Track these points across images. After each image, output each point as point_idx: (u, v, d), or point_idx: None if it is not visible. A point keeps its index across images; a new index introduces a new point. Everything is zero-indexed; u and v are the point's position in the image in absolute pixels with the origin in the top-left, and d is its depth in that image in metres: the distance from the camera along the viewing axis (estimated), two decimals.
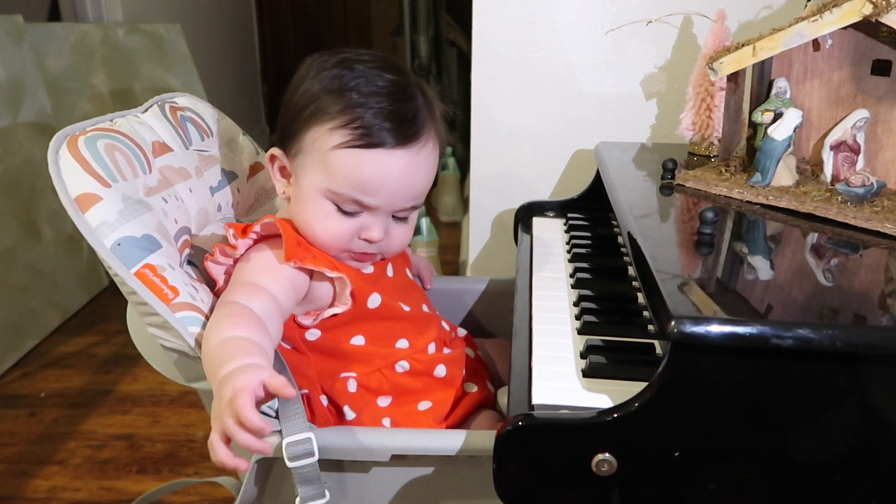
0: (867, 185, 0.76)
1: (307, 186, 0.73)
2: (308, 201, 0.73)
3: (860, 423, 0.53)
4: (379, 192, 0.71)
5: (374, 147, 0.70)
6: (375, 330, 0.78)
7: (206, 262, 0.74)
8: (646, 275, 0.61)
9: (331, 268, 0.73)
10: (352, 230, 0.74)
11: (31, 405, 1.57)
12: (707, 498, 0.56)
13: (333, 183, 0.71)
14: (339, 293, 0.75)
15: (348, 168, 0.70)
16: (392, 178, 0.71)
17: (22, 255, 1.79)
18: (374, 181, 0.71)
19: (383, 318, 0.78)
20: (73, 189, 0.64)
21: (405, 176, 0.72)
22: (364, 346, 0.77)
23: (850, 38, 0.83)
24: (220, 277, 0.74)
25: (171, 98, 0.85)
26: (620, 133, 1.29)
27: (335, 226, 0.73)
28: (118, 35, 2.21)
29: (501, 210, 1.40)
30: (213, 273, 0.74)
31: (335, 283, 0.75)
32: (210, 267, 0.74)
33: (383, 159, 0.70)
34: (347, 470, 0.71)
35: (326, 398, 0.78)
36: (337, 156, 0.70)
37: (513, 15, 1.25)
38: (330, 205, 0.73)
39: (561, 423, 0.55)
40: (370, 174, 0.70)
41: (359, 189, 0.71)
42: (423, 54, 3.15)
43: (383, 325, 0.78)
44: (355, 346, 0.77)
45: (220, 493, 1.26)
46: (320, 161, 0.71)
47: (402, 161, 0.71)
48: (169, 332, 0.66)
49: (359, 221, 0.73)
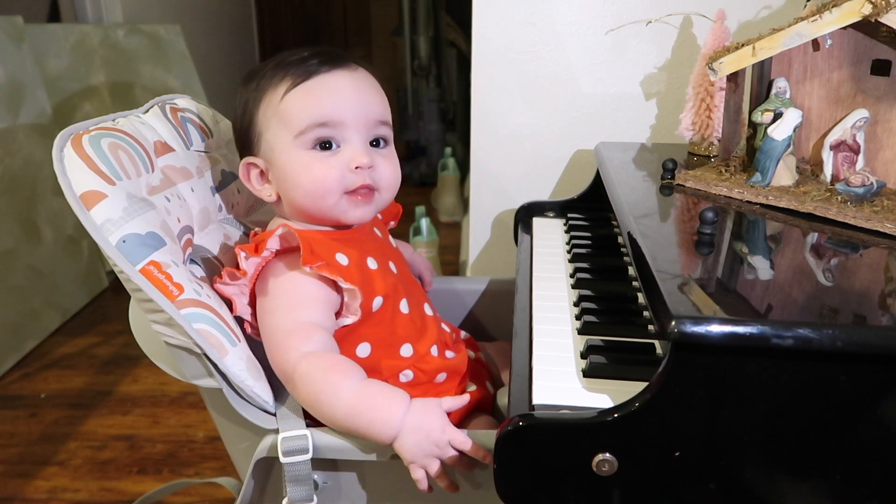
0: (867, 185, 0.76)
1: (280, 153, 0.75)
2: (287, 166, 0.74)
3: (860, 423, 0.53)
4: (339, 106, 0.73)
5: (312, 76, 0.74)
6: (380, 335, 0.77)
7: (216, 285, 0.73)
8: (646, 275, 0.61)
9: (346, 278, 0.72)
10: (338, 167, 0.74)
11: (32, 406, 1.57)
12: (707, 498, 0.56)
13: (295, 126, 0.73)
14: (348, 303, 0.74)
15: (300, 105, 0.73)
16: (341, 93, 0.74)
17: (22, 255, 1.79)
18: (328, 98, 0.74)
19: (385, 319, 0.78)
20: (78, 187, 0.65)
21: (353, 88, 0.75)
22: (370, 357, 0.77)
23: (849, 38, 0.83)
24: (235, 297, 0.73)
25: (171, 99, 0.85)
26: (620, 133, 1.30)
27: (320, 168, 0.73)
28: (118, 36, 2.21)
29: (501, 210, 1.40)
30: (226, 293, 0.73)
31: (345, 293, 0.74)
32: (221, 289, 0.73)
33: (325, 81, 0.74)
34: (347, 469, 0.71)
35: None
36: (286, 103, 0.74)
37: (513, 15, 1.25)
38: (305, 152, 0.74)
39: (561, 423, 0.55)
40: (322, 94, 0.74)
41: (317, 115, 0.73)
42: (423, 54, 3.15)
43: (387, 329, 0.78)
44: (361, 359, 0.76)
45: (221, 493, 1.26)
46: (277, 120, 0.74)
47: (343, 79, 0.75)
48: (174, 328, 0.66)
49: (341, 156, 0.74)
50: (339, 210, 0.75)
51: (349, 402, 0.65)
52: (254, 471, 0.70)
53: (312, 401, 0.66)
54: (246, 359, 0.69)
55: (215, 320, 0.67)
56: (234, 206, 0.89)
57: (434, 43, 3.18)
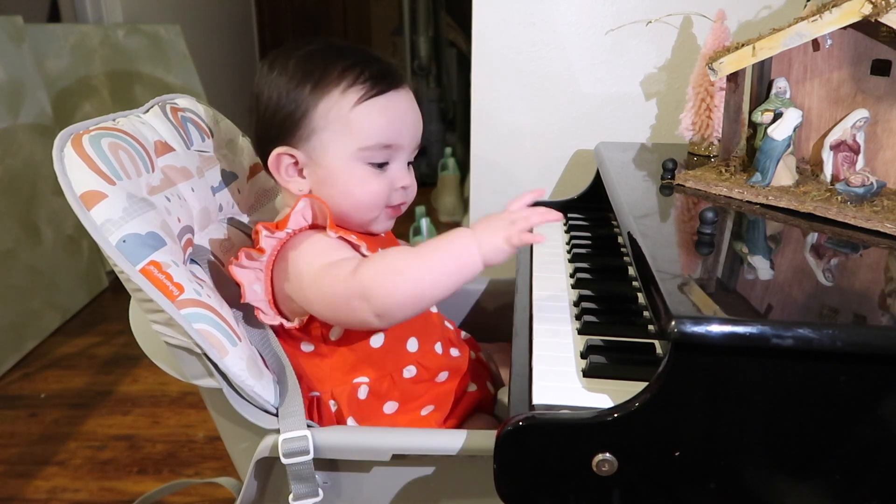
0: (867, 185, 0.76)
1: (335, 159, 0.75)
2: (341, 173, 0.76)
3: (860, 423, 0.53)
4: (402, 131, 0.77)
5: (385, 92, 0.75)
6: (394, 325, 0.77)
7: (231, 267, 0.73)
8: (646, 275, 0.61)
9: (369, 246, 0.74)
10: (387, 184, 0.77)
11: (32, 406, 1.57)
12: (707, 498, 0.56)
13: (363, 139, 0.74)
14: None
15: (372, 118, 0.74)
16: (407, 115, 0.78)
17: (22, 255, 1.79)
18: (396, 120, 0.76)
19: None
20: (78, 186, 0.64)
21: (413, 112, 0.79)
22: (381, 348, 0.77)
23: (849, 38, 0.83)
24: (247, 283, 0.73)
25: (172, 99, 0.85)
26: (620, 133, 1.30)
27: (375, 185, 0.76)
28: (118, 36, 2.21)
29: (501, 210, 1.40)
30: (239, 278, 0.73)
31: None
32: (234, 272, 0.73)
33: (394, 100, 0.76)
34: (347, 469, 0.71)
35: (335, 404, 0.78)
36: (359, 112, 0.74)
37: (513, 15, 1.25)
38: (363, 166, 0.76)
39: (561, 423, 0.55)
40: (392, 116, 0.76)
41: (386, 134, 0.75)
42: (423, 54, 3.15)
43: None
44: (373, 349, 0.77)
45: (221, 493, 1.26)
46: (343, 126, 0.74)
47: (404, 99, 0.78)
48: (174, 328, 0.66)
49: (389, 174, 0.77)
50: (376, 221, 0.79)
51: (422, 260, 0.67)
52: (254, 471, 0.70)
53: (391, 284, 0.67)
54: (246, 358, 0.69)
55: (216, 320, 0.67)
56: (234, 205, 0.89)
57: (434, 43, 3.18)
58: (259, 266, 0.74)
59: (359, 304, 0.67)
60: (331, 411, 0.77)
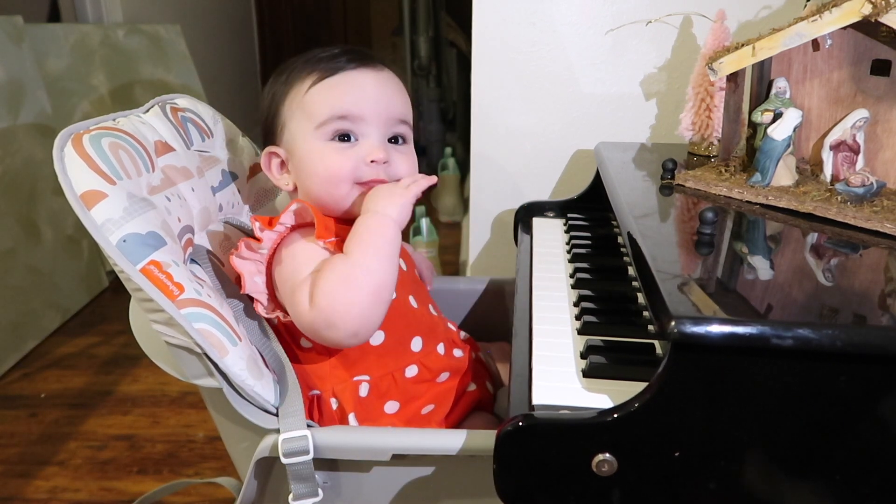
0: (867, 185, 0.76)
1: (300, 144, 0.77)
2: (306, 156, 0.77)
3: (860, 423, 0.53)
4: (360, 102, 0.76)
5: (337, 71, 0.76)
6: (395, 324, 0.78)
7: (231, 257, 0.74)
8: (646, 275, 0.61)
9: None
10: (354, 159, 0.76)
11: (32, 406, 1.57)
12: (707, 498, 0.56)
13: (316, 117, 0.76)
14: None
15: (323, 97, 0.76)
16: (365, 90, 0.77)
17: (22, 255, 1.79)
18: (351, 92, 0.76)
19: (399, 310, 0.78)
20: (79, 186, 0.65)
21: (376, 86, 0.77)
22: (381, 346, 0.77)
23: (849, 38, 0.83)
24: (247, 274, 0.74)
25: (172, 99, 0.85)
26: (620, 133, 1.30)
27: (336, 158, 0.76)
28: (118, 36, 2.21)
29: (501, 210, 1.40)
30: (239, 268, 0.73)
31: None
32: (235, 263, 0.73)
33: (349, 77, 0.77)
34: (348, 469, 0.71)
35: (336, 402, 0.78)
36: (310, 96, 0.76)
37: (513, 15, 1.25)
38: (325, 143, 0.76)
39: (561, 424, 0.55)
40: (346, 89, 0.76)
41: (338, 108, 0.75)
42: (423, 55, 3.15)
43: (400, 320, 0.79)
44: (373, 346, 0.77)
45: (221, 493, 1.26)
46: (300, 112, 0.77)
47: (367, 77, 0.77)
48: (174, 328, 0.66)
49: (357, 149, 0.76)
50: (350, 200, 0.77)
51: (359, 256, 0.69)
52: (254, 471, 0.70)
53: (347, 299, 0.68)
54: (246, 358, 0.69)
55: (216, 320, 0.67)
56: (234, 205, 0.89)
57: (434, 43, 3.17)
58: (260, 258, 0.74)
59: (329, 333, 0.69)
60: (332, 409, 0.77)
